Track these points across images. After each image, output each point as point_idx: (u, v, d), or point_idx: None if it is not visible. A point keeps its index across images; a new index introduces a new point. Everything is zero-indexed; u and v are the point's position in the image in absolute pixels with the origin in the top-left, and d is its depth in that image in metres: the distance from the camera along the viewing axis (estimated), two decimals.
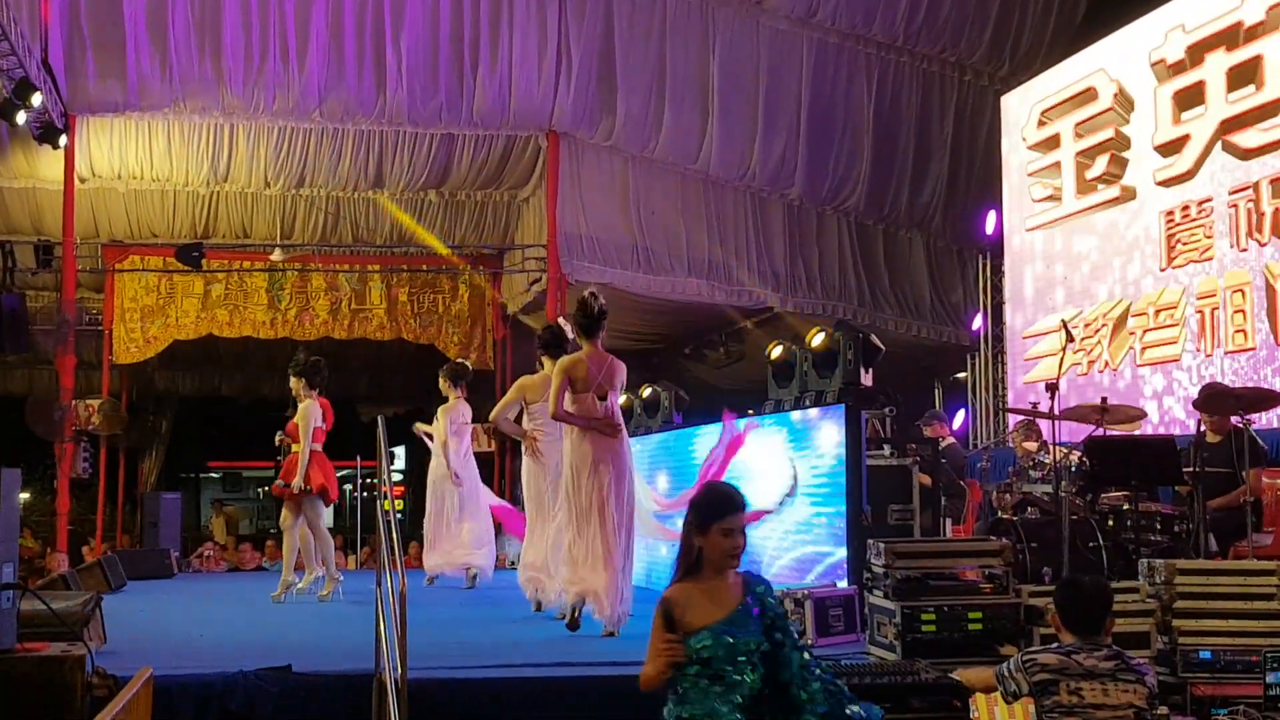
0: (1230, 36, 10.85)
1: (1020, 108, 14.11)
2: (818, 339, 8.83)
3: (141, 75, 13.78)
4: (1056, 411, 8.11)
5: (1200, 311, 11.09)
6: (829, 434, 8.33)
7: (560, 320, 9.34)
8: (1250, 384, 9.80)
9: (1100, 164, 12.57)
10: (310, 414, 10.29)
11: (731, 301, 16.21)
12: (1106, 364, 12.32)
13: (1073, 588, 4.91)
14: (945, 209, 16.79)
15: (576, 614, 7.76)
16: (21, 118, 12.50)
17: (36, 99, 12.32)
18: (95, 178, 15.74)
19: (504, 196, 16.99)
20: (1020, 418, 10.55)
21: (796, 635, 6.90)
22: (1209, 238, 11.06)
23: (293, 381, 10.55)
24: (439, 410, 11.53)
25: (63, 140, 13.84)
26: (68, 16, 13.42)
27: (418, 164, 15.85)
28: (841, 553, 8.01)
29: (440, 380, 11.51)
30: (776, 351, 9.50)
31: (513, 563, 11.98)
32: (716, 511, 3.97)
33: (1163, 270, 11.64)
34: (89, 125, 14.62)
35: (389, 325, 17.49)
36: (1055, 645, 4.68)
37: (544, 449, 9.05)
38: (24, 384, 19.53)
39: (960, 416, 15.87)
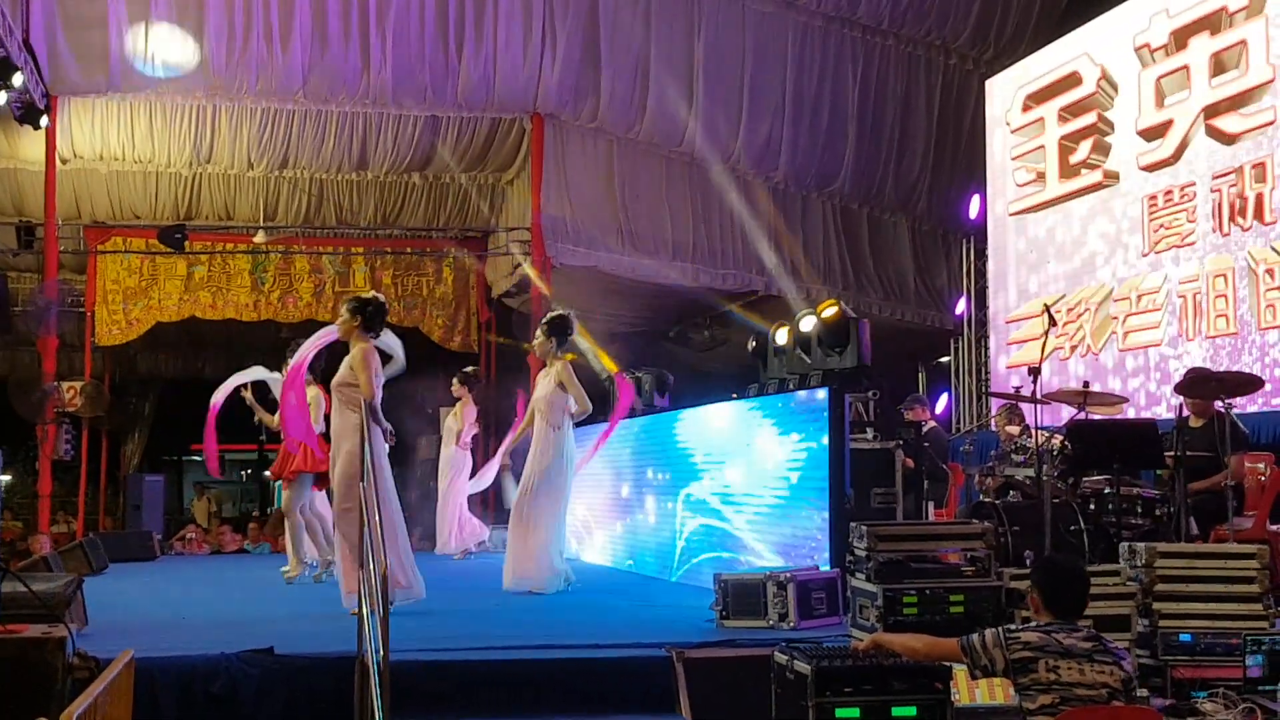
0: (1214, 21, 10.88)
1: (1004, 92, 14.11)
2: (829, 311, 8.80)
3: (123, 56, 13.68)
4: (1039, 395, 8.12)
5: (1182, 296, 11.13)
6: (812, 418, 8.34)
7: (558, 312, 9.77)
8: (1232, 369, 9.83)
9: (1084, 148, 12.60)
10: None
11: (716, 285, 16.20)
12: (1089, 348, 12.36)
13: (1054, 568, 4.92)
14: (929, 193, 16.81)
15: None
16: (2, 98, 12.40)
17: (18, 79, 12.23)
18: (77, 158, 15.64)
19: (488, 179, 16.93)
20: (1003, 401, 10.58)
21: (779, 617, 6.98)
22: (1192, 222, 11.09)
23: None
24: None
25: (44, 121, 13.74)
26: None
27: (402, 146, 15.78)
28: (824, 536, 8.03)
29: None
30: (781, 335, 9.48)
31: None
32: None
33: (1145, 255, 11.68)
34: (70, 106, 14.52)
35: None
36: (1035, 624, 4.70)
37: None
38: (6, 365, 19.41)
39: (943, 400, 15.92)
